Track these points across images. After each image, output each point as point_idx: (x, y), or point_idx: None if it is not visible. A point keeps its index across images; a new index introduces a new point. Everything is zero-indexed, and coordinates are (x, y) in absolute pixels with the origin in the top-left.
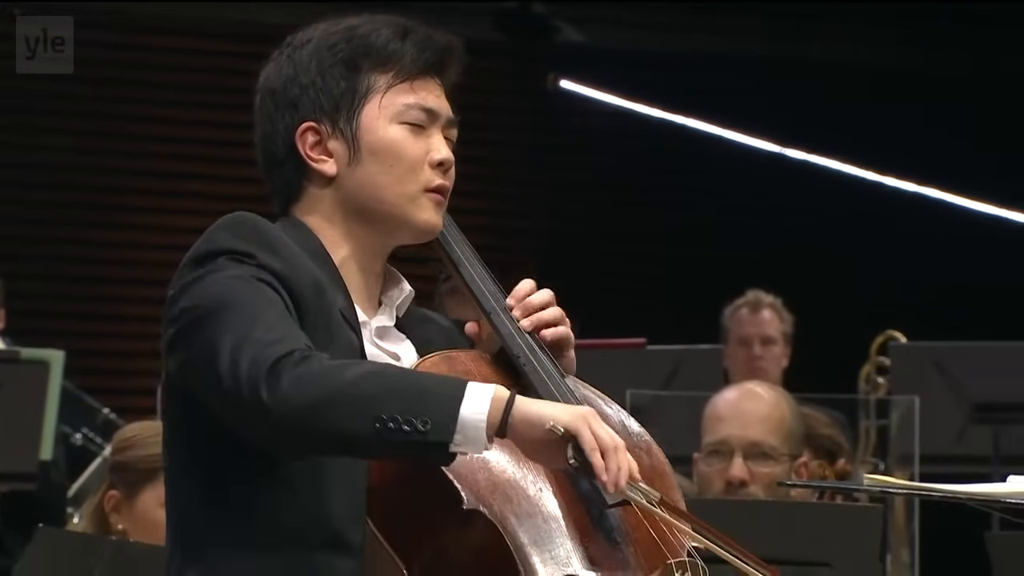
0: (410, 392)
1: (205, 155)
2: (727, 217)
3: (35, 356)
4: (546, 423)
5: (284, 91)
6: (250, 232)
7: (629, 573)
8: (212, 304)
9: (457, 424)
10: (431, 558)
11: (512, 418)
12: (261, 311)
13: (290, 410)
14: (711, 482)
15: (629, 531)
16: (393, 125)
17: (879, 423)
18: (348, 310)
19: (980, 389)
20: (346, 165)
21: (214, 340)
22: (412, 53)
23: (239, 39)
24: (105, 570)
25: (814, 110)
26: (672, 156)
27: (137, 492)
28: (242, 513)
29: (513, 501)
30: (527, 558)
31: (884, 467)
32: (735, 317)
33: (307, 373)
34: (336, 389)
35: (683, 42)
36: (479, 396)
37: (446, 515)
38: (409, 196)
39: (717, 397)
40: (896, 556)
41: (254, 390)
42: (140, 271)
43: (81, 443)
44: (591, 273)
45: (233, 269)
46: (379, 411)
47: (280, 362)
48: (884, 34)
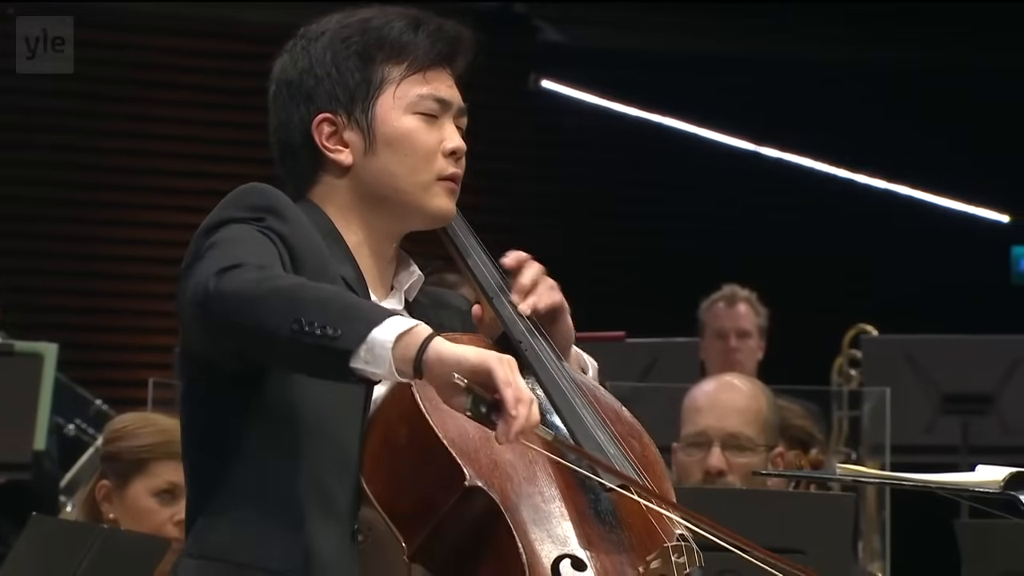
0: (334, 305)
1: (200, 153)
2: (703, 214)
3: (29, 349)
4: (456, 367)
5: (300, 82)
6: (260, 199)
7: (623, 555)
8: (205, 246)
9: (366, 341)
10: (431, 534)
11: (428, 356)
12: (243, 245)
13: (223, 303)
14: (690, 471)
15: (624, 515)
16: (407, 115)
17: (851, 414)
18: (356, 280)
19: (949, 381)
20: (362, 155)
21: (196, 269)
22: (425, 44)
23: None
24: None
25: (789, 109)
26: (650, 154)
27: (127, 482)
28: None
29: (513, 480)
30: (526, 535)
31: (856, 457)
32: (711, 311)
33: (249, 276)
34: (268, 291)
35: (660, 42)
36: (395, 324)
37: (447, 491)
38: (423, 184)
39: (696, 389)
40: (867, 543)
41: (203, 289)
42: (132, 267)
43: (74, 434)
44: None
45: (238, 226)
46: (300, 315)
47: (233, 267)
48: (860, 34)
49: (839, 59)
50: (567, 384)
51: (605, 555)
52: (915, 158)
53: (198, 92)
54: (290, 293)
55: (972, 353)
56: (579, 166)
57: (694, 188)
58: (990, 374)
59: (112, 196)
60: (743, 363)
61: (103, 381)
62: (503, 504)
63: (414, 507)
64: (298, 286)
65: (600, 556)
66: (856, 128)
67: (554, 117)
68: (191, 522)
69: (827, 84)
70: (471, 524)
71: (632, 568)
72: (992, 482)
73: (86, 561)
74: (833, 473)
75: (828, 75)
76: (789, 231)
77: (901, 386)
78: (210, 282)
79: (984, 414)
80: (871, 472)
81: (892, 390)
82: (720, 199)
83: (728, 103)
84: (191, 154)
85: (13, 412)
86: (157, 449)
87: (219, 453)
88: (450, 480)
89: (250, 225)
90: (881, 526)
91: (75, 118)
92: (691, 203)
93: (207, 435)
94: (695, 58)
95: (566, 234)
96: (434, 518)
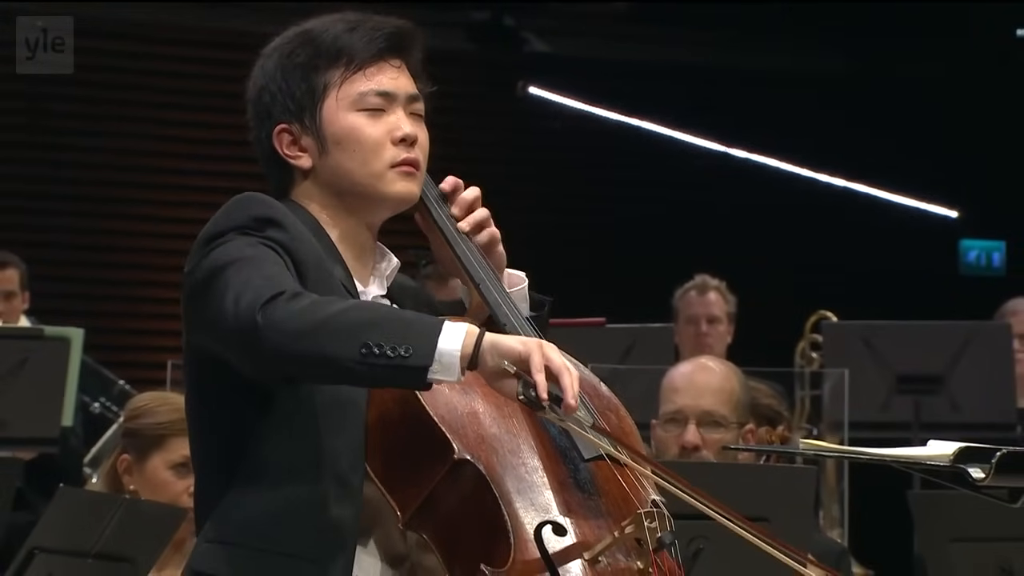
0: (394, 323)
1: (210, 154)
2: (677, 209)
3: (57, 333)
4: (506, 357)
5: (259, 99)
6: (257, 209)
7: (601, 520)
8: (220, 265)
9: (436, 353)
10: (424, 504)
11: (482, 350)
12: (261, 264)
13: (281, 335)
14: (667, 446)
15: (601, 484)
16: (351, 113)
17: (813, 393)
18: (347, 280)
19: (903, 363)
20: (318, 157)
21: (222, 291)
22: (360, 44)
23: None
24: (118, 525)
25: (755, 114)
26: (628, 154)
27: (146, 456)
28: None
29: (499, 453)
30: (511, 504)
31: (817, 433)
32: (684, 299)
33: (298, 305)
34: (325, 317)
35: (637, 52)
36: (455, 330)
37: (438, 464)
38: (377, 175)
39: (673, 370)
40: (828, 511)
41: (251, 321)
42: (153, 258)
43: (99, 411)
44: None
45: (241, 239)
46: (365, 338)
47: (275, 297)
48: (820, 46)
49: (801, 69)
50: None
51: (584, 520)
52: (871, 159)
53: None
54: (345, 317)
55: (924, 337)
56: (563, 165)
57: (669, 186)
58: (940, 357)
59: (136, 193)
60: (714, 347)
61: (126, 363)
62: (489, 475)
63: (408, 479)
64: (350, 308)
65: (579, 522)
66: (817, 131)
67: (540, 120)
68: (201, 508)
69: (790, 91)
70: (460, 494)
71: (609, 532)
72: (942, 456)
73: (109, 528)
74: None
75: (791, 83)
76: (756, 226)
77: (858, 368)
78: (256, 315)
79: (935, 393)
80: (832, 447)
81: (850, 371)
82: (692, 196)
83: (700, 108)
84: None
85: (42, 392)
86: (173, 426)
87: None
88: (440, 454)
89: (253, 237)
90: (840, 496)
91: (101, 120)
92: (666, 199)
93: (218, 425)
94: (669, 67)
95: (554, 229)
96: (426, 489)
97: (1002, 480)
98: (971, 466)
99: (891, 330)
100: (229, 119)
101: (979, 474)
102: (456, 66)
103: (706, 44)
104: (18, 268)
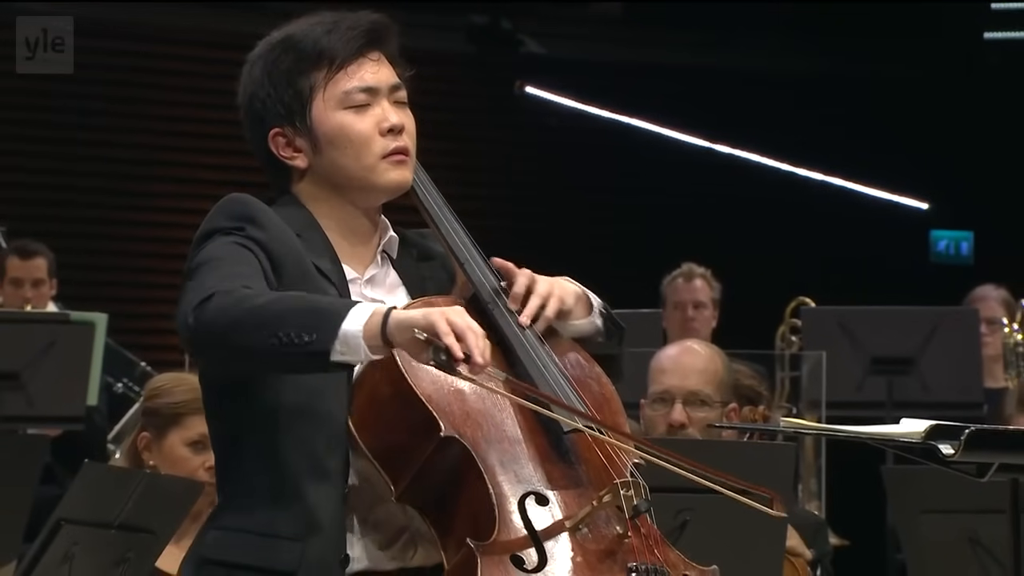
0: (303, 312)
1: (221, 148)
2: (665, 201)
3: (83, 318)
4: (411, 328)
5: (250, 106)
6: (240, 211)
7: (581, 490)
8: (193, 268)
9: (339, 336)
10: (414, 478)
11: (389, 326)
12: (224, 264)
13: (208, 335)
14: (655, 425)
15: (581, 452)
16: (339, 112)
17: (792, 375)
18: (334, 271)
19: (877, 346)
20: (313, 156)
21: (182, 295)
22: (339, 44)
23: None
24: (139, 499)
25: (738, 112)
26: (620, 150)
27: (165, 433)
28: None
29: (483, 428)
30: (495, 476)
31: (796, 412)
32: (671, 286)
33: (226, 303)
34: (244, 313)
35: (629, 54)
36: (360, 311)
37: (426, 441)
38: (369, 167)
39: (661, 352)
40: (806, 486)
41: (185, 323)
42: (173, 247)
43: (122, 391)
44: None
45: (220, 239)
46: (275, 329)
47: (207, 299)
48: (798, 48)
49: (780, 69)
50: (528, 338)
51: (565, 490)
52: (847, 154)
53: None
54: (261, 311)
55: (896, 322)
56: (558, 161)
57: (657, 179)
58: (912, 340)
59: (146, 187)
60: (699, 331)
61: (147, 346)
62: (474, 450)
63: (399, 455)
64: (268, 302)
65: (561, 491)
66: (795, 128)
67: (537, 118)
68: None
69: (770, 90)
70: (448, 468)
71: (589, 501)
72: (914, 433)
73: (131, 501)
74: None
75: (771, 82)
76: (740, 217)
77: (835, 350)
78: (189, 318)
79: (907, 375)
80: (810, 425)
81: (827, 354)
82: (680, 189)
83: (686, 106)
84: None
85: (69, 373)
86: (190, 404)
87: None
88: (428, 431)
89: (233, 236)
90: (818, 471)
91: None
92: (654, 192)
93: (217, 412)
94: (658, 67)
95: (548, 221)
96: (416, 464)
97: (970, 456)
98: (941, 443)
99: (866, 315)
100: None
101: (949, 450)
102: (456, 67)
103: (688, 45)
104: (47, 257)
